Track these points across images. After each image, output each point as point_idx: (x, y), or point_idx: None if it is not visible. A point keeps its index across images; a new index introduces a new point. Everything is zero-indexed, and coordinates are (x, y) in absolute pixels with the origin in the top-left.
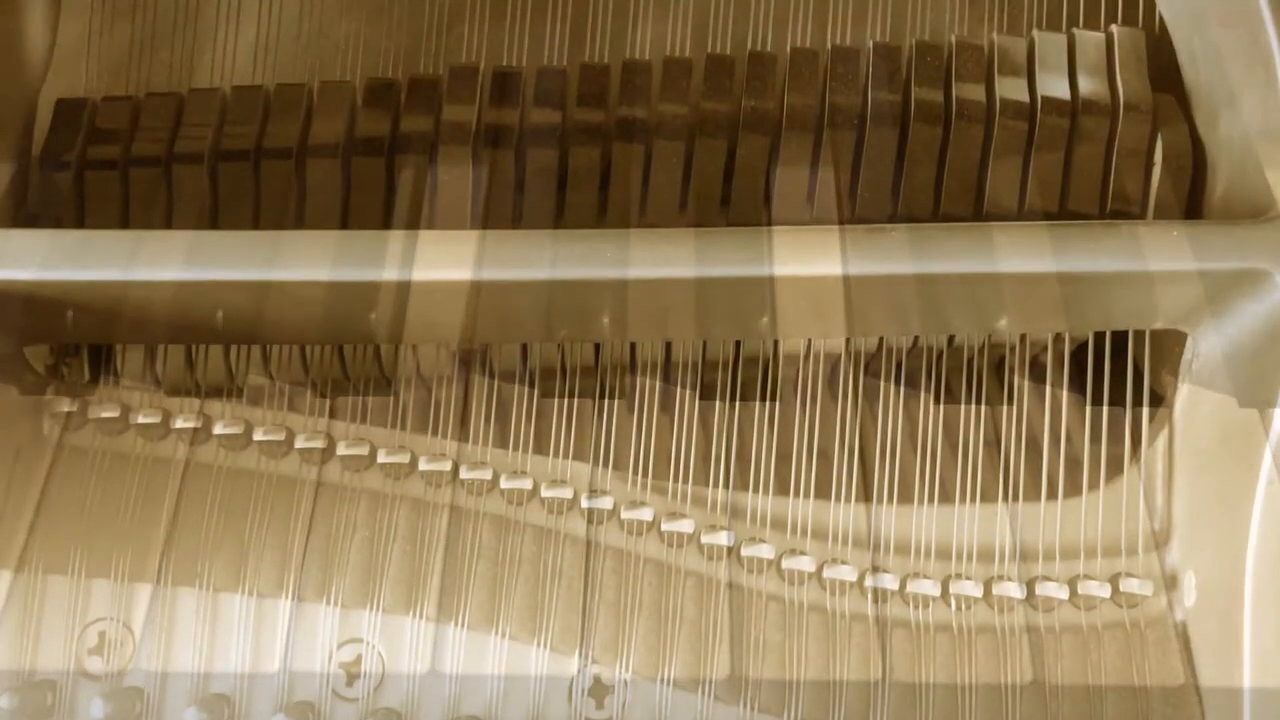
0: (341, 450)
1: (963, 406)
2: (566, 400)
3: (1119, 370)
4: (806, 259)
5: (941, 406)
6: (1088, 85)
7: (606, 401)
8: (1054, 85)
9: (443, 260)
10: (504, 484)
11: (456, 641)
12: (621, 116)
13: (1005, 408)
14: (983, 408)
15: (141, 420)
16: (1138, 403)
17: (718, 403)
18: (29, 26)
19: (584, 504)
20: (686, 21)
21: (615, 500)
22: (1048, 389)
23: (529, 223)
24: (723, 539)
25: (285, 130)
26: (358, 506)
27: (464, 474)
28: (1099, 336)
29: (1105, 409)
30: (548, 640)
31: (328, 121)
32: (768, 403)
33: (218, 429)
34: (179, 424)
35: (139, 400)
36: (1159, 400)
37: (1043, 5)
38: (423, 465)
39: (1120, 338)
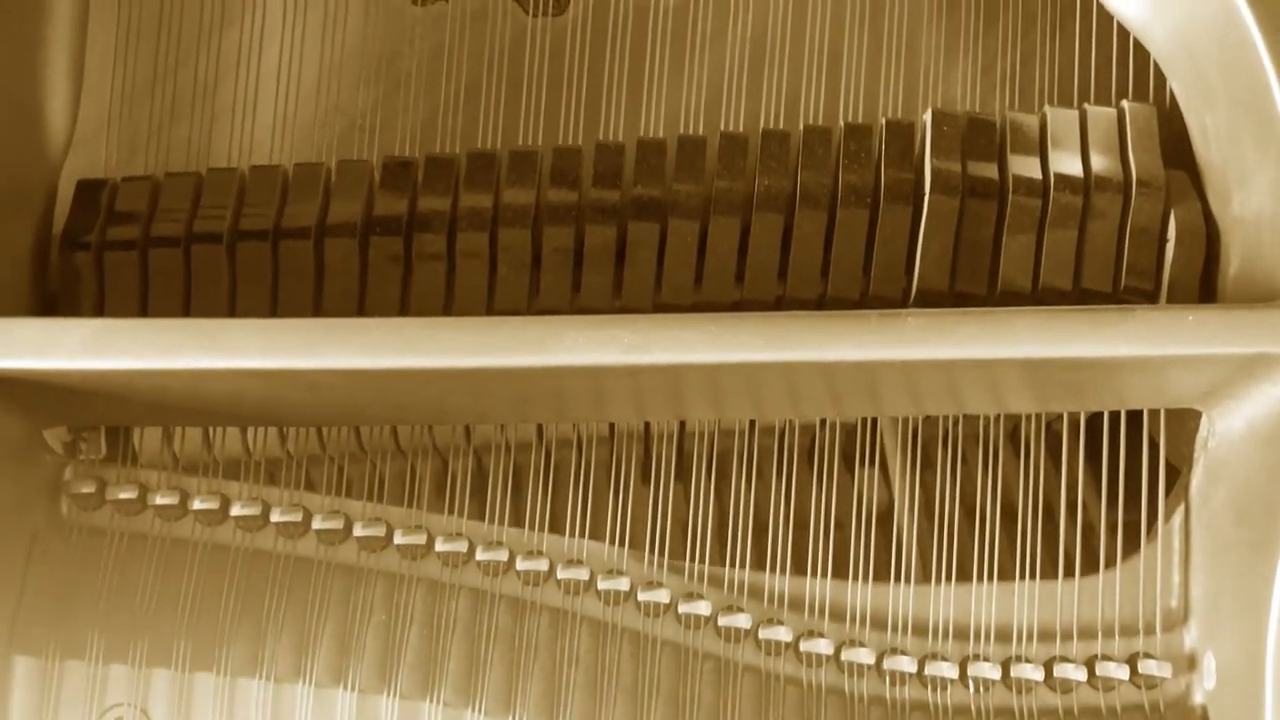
0: (358, 531)
1: (979, 477)
2: (582, 475)
3: (1136, 433)
4: (823, 344)
5: (958, 477)
6: (1100, 162)
7: (622, 477)
8: (1066, 162)
9: (458, 347)
10: (520, 565)
11: None
12: (636, 195)
13: (1021, 480)
14: (999, 478)
15: (159, 501)
16: (1154, 477)
17: (734, 475)
18: (50, 106)
19: (600, 585)
20: (700, 95)
21: (631, 581)
22: (1063, 459)
23: (545, 302)
24: (741, 621)
25: (303, 210)
26: (374, 588)
27: (480, 555)
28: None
29: (1121, 482)
30: None
31: (346, 202)
32: (783, 476)
33: (235, 510)
34: (197, 505)
35: (157, 480)
36: (1176, 473)
37: (1053, 78)
38: (439, 546)
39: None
